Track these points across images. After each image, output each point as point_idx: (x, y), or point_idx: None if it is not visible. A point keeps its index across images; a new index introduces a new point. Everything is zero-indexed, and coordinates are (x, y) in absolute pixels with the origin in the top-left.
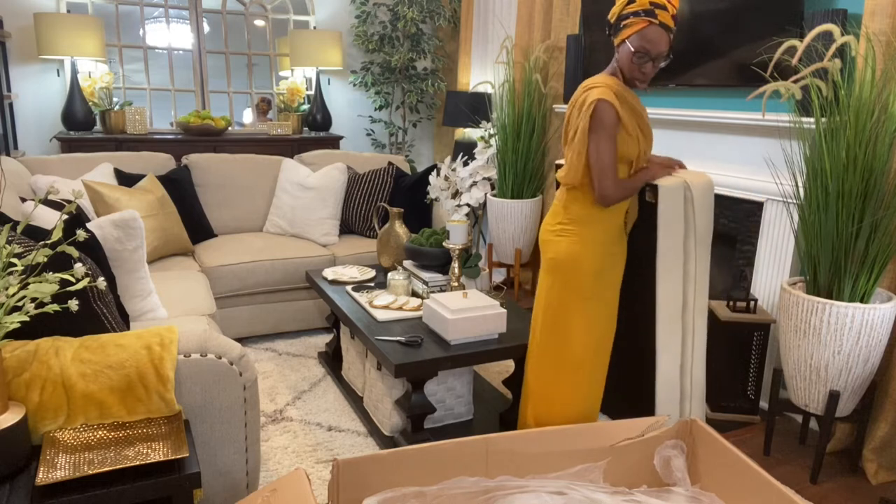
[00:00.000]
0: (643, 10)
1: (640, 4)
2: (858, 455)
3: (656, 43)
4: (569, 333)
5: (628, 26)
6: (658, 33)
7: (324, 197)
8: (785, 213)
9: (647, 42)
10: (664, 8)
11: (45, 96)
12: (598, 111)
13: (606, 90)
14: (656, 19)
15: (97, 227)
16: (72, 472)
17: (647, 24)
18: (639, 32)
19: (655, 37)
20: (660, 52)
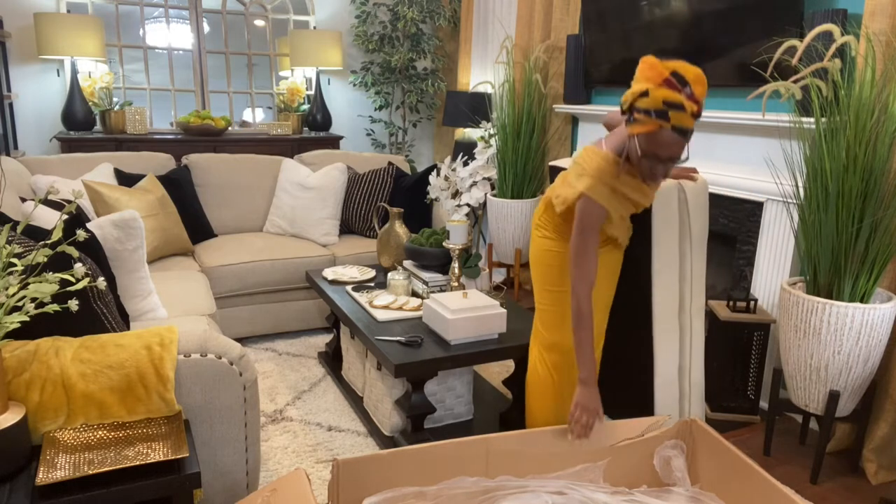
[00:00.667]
0: (655, 110)
1: (651, 102)
2: (858, 455)
3: (668, 147)
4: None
5: (638, 122)
6: (671, 138)
7: (324, 197)
8: (785, 213)
9: (657, 146)
10: (681, 108)
11: (45, 96)
12: (582, 209)
13: (598, 184)
14: (668, 122)
15: (97, 227)
16: (72, 472)
17: (658, 127)
18: (648, 134)
19: (667, 141)
20: (672, 156)
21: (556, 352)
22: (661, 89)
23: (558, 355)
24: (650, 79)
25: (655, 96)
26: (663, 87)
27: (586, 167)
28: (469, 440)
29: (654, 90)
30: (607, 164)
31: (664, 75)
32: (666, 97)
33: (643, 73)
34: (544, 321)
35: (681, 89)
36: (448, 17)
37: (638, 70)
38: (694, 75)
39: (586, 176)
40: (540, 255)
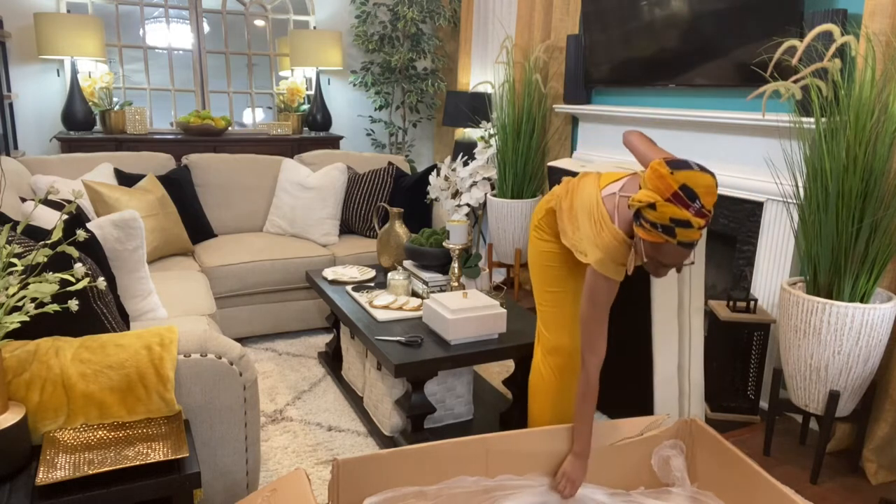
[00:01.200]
0: (661, 225)
1: (659, 216)
2: (858, 455)
3: (672, 258)
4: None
5: (645, 230)
6: (675, 251)
7: (324, 197)
8: (785, 213)
9: (661, 256)
10: (688, 225)
11: (45, 96)
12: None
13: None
14: (674, 239)
15: (97, 227)
16: (72, 472)
17: (663, 241)
18: (653, 244)
19: (671, 253)
20: (676, 264)
21: (558, 355)
22: (669, 205)
23: (560, 358)
24: (658, 190)
25: (663, 212)
26: (672, 203)
27: (598, 240)
28: (469, 440)
29: (662, 205)
30: (618, 244)
31: (672, 189)
32: (673, 214)
33: (651, 183)
34: (545, 322)
35: (689, 205)
36: (448, 17)
37: (647, 176)
38: (704, 188)
39: (598, 249)
40: (539, 257)
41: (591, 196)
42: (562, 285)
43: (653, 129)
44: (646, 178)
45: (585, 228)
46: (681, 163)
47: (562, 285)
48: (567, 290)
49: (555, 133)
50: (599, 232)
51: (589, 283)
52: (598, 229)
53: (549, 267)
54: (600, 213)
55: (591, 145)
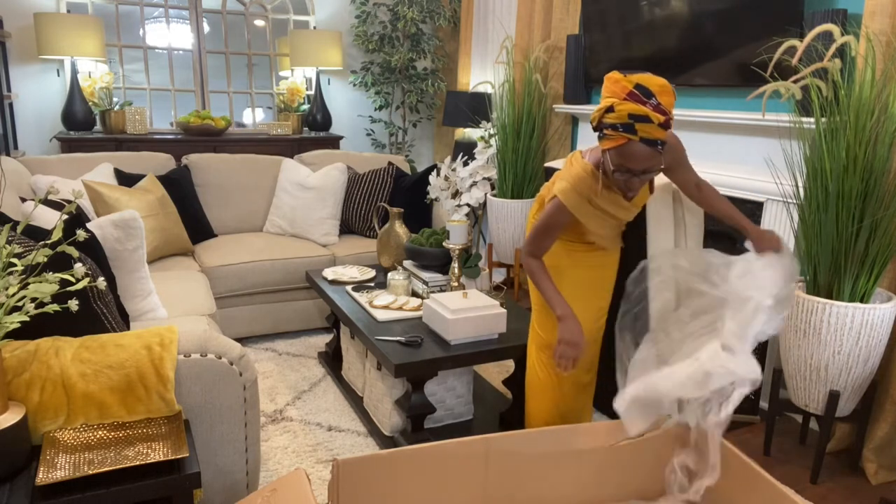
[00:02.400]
0: (621, 124)
1: (618, 117)
2: (858, 455)
3: (638, 160)
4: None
5: (607, 138)
6: (640, 150)
7: (324, 197)
8: (785, 213)
9: (628, 160)
10: (647, 120)
11: (45, 96)
12: (551, 208)
13: (572, 190)
14: (636, 136)
15: (97, 227)
16: (72, 472)
17: (626, 141)
18: (617, 149)
19: (637, 153)
20: (644, 168)
21: (551, 351)
22: (626, 103)
23: None
24: (614, 94)
25: (621, 111)
26: (628, 101)
27: (566, 173)
28: (469, 440)
29: (619, 105)
30: (586, 174)
31: (628, 89)
32: (631, 111)
33: (607, 90)
34: (540, 321)
35: (646, 101)
36: (448, 17)
37: (603, 87)
38: (658, 86)
39: (563, 181)
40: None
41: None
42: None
43: None
44: (602, 91)
45: (561, 172)
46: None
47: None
48: (561, 289)
49: (555, 133)
50: (570, 167)
51: (544, 213)
52: (568, 165)
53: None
54: (574, 156)
55: (590, 145)
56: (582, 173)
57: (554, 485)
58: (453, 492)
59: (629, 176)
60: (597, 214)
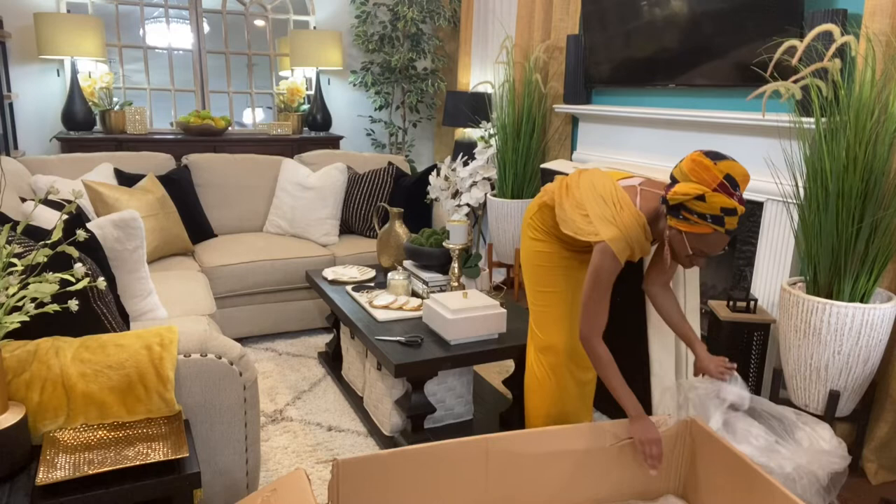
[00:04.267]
0: (711, 215)
1: (709, 207)
2: (858, 455)
3: (716, 247)
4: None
5: (689, 222)
6: (721, 239)
7: (324, 197)
8: (785, 213)
9: (706, 246)
10: (734, 213)
11: (45, 96)
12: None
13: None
14: (723, 227)
15: (97, 227)
16: (72, 472)
17: (711, 231)
18: (699, 235)
19: (717, 242)
20: (717, 253)
21: (551, 353)
22: (718, 195)
23: (554, 357)
24: (704, 181)
25: (713, 202)
26: (720, 193)
27: (618, 219)
28: (469, 440)
29: (711, 196)
30: (638, 227)
31: (718, 179)
32: (723, 204)
33: (696, 174)
34: (538, 322)
35: (733, 193)
36: (448, 17)
37: (687, 168)
38: (742, 176)
39: (615, 227)
40: (531, 256)
41: (607, 183)
42: (553, 285)
43: (653, 129)
44: (686, 170)
45: (599, 209)
46: (716, 153)
47: (553, 285)
48: (558, 290)
49: (555, 133)
50: (619, 211)
51: (594, 263)
52: (617, 209)
53: (541, 267)
54: (620, 196)
55: (590, 145)
56: (635, 225)
57: (554, 485)
58: (453, 492)
59: (700, 257)
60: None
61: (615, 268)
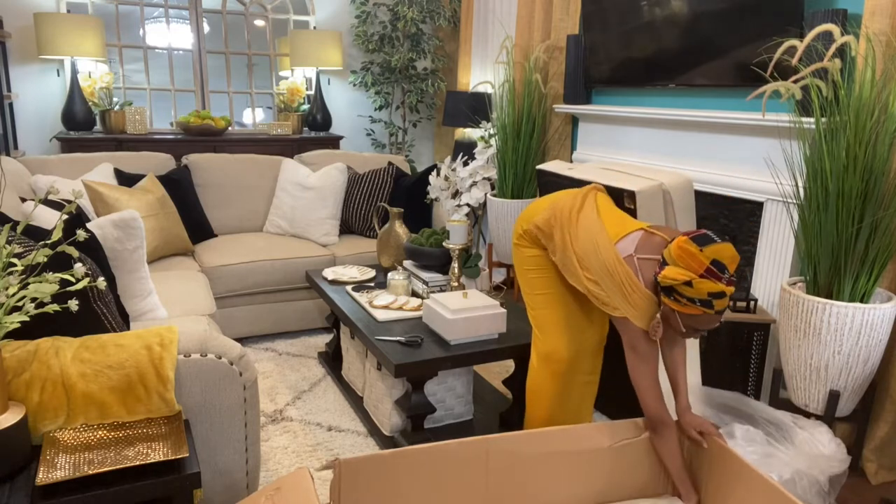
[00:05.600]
0: (699, 300)
1: (696, 293)
2: (858, 455)
3: (708, 325)
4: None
5: (680, 304)
6: (711, 319)
7: (324, 197)
8: (785, 213)
9: (698, 324)
10: (722, 296)
11: (45, 96)
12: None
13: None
14: (712, 310)
15: (97, 227)
16: (72, 472)
17: (701, 313)
18: (690, 316)
19: (708, 322)
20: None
21: (553, 360)
22: (705, 281)
23: (557, 364)
24: (691, 268)
25: (700, 288)
26: (707, 279)
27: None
28: (469, 440)
29: (698, 282)
30: (649, 305)
31: (705, 265)
32: (710, 289)
33: (683, 261)
34: (539, 325)
35: (721, 277)
36: (448, 17)
37: (675, 254)
38: (730, 259)
39: (633, 308)
40: (522, 262)
41: (609, 255)
42: (550, 287)
43: (653, 129)
44: (674, 256)
45: (612, 286)
46: (703, 237)
47: (550, 287)
48: (555, 290)
49: (555, 133)
50: (631, 294)
51: (629, 342)
52: (629, 292)
53: (532, 271)
54: (626, 275)
55: (590, 145)
56: (648, 305)
57: (554, 485)
58: (454, 492)
59: (693, 332)
60: None
61: (645, 336)
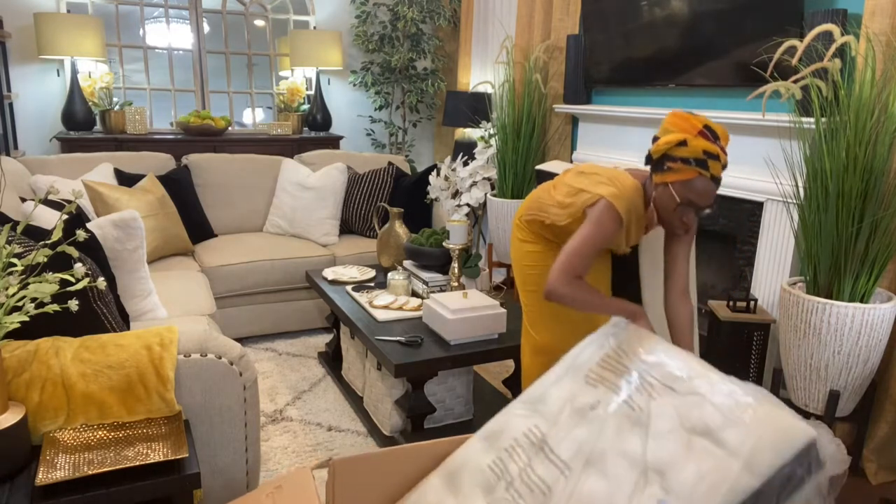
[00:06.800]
0: (695, 158)
1: (691, 151)
2: (858, 455)
3: (704, 196)
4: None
5: (674, 171)
6: (707, 186)
7: (324, 197)
8: (785, 213)
9: (694, 194)
10: (717, 158)
11: (45, 96)
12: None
13: (623, 198)
14: (708, 171)
15: (97, 227)
16: (72, 473)
17: (696, 175)
18: (686, 182)
19: (704, 189)
20: (708, 205)
21: (546, 353)
22: (700, 139)
23: (549, 356)
24: (685, 130)
25: (695, 146)
26: (700, 138)
27: (616, 182)
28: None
29: (693, 139)
30: (636, 191)
31: (698, 127)
32: (705, 147)
33: (674, 125)
34: (532, 322)
35: (714, 141)
36: (448, 17)
37: (668, 122)
38: (722, 132)
39: (614, 187)
40: (520, 257)
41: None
42: (543, 285)
43: (653, 129)
44: (667, 125)
45: (594, 178)
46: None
47: (543, 285)
48: None
49: (555, 133)
50: (617, 176)
51: (594, 217)
52: (615, 174)
53: (530, 267)
54: (615, 169)
55: (591, 145)
56: (633, 189)
57: None
58: None
59: (689, 210)
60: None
61: (614, 228)
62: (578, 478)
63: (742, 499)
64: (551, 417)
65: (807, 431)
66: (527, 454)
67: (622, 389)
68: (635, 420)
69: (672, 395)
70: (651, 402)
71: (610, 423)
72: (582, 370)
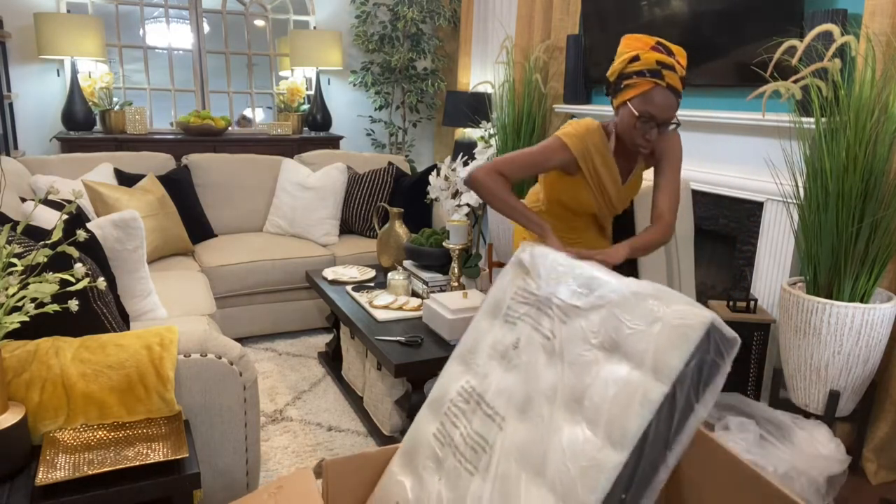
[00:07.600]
0: (648, 70)
1: (644, 63)
2: (858, 455)
3: (662, 107)
4: None
5: (631, 87)
6: (665, 96)
7: (324, 197)
8: (785, 213)
9: (653, 105)
10: (672, 69)
11: (45, 96)
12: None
13: (577, 137)
14: (663, 81)
15: (97, 227)
16: (71, 473)
17: (652, 86)
18: (643, 95)
19: (662, 100)
20: (666, 118)
21: None
22: (652, 52)
23: None
24: (637, 47)
25: (647, 58)
26: (653, 52)
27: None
28: None
29: (646, 53)
30: (594, 129)
31: (650, 43)
32: (658, 58)
33: (628, 46)
34: None
35: (669, 55)
36: (448, 17)
37: (621, 45)
38: (676, 48)
39: (568, 127)
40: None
41: None
42: None
43: None
44: (620, 49)
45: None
46: None
47: None
48: None
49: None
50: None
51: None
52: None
53: None
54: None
55: None
56: (591, 126)
57: None
58: None
59: (651, 125)
60: (590, 185)
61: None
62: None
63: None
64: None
65: (701, 317)
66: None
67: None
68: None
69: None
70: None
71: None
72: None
